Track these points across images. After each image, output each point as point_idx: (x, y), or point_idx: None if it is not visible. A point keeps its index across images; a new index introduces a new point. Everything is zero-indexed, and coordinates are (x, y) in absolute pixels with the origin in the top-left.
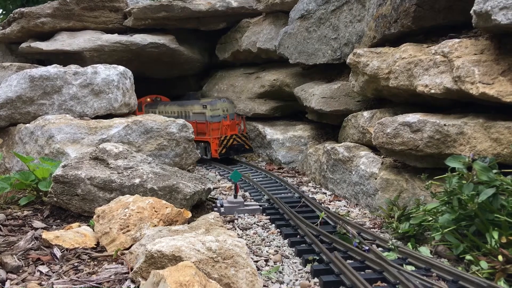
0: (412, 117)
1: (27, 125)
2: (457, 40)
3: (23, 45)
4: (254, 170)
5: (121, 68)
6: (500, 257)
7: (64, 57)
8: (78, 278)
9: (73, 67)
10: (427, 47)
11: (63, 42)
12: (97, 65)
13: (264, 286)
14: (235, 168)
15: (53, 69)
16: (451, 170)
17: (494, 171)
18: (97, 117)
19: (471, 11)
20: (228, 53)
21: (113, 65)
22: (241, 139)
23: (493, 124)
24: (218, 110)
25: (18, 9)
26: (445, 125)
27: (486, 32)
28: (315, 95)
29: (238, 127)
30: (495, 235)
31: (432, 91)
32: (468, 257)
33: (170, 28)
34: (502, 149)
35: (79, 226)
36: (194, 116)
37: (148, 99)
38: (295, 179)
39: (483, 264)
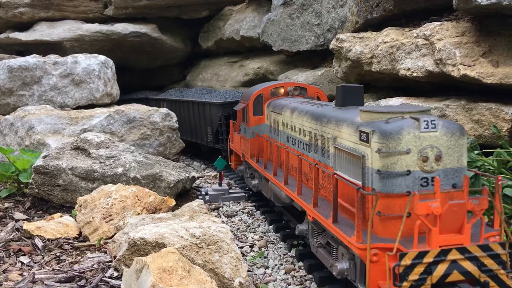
0: (395, 101)
1: (7, 116)
2: (438, 23)
3: (1, 36)
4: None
5: (102, 57)
6: None
7: (44, 48)
8: (60, 268)
9: (52, 57)
10: (409, 30)
11: (43, 32)
12: (78, 54)
13: (248, 271)
14: None
15: (32, 59)
16: None
17: (476, 152)
18: (78, 107)
19: None
20: (211, 42)
21: (94, 54)
22: (483, 266)
23: (474, 106)
24: (408, 157)
25: None
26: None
27: (467, 14)
28: (299, 81)
29: (479, 215)
30: None
31: (415, 74)
32: None
33: (152, 17)
34: (483, 131)
35: (61, 216)
36: (337, 156)
37: (282, 90)
38: None
39: None
